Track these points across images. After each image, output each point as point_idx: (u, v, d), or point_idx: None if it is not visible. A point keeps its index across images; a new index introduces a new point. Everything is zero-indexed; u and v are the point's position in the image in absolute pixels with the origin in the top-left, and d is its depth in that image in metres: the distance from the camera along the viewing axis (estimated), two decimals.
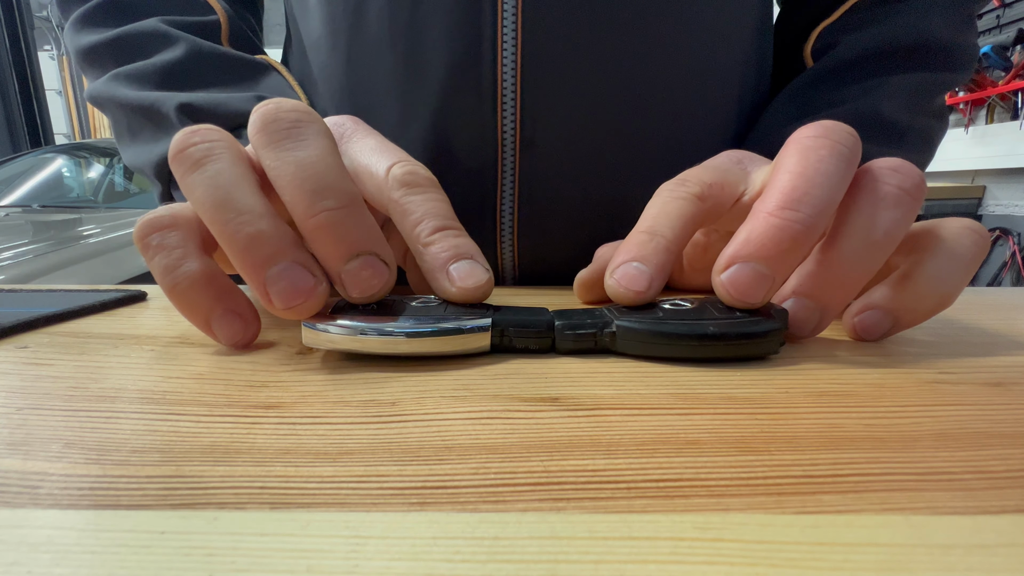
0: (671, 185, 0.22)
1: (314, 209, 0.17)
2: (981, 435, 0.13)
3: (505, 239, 0.33)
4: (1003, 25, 2.34)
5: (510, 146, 0.31)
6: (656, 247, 0.19)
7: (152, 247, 0.18)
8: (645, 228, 0.20)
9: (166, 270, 0.18)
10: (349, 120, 0.24)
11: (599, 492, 0.11)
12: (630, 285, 0.19)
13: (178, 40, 0.32)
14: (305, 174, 0.17)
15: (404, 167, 0.21)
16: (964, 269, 0.18)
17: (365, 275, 0.18)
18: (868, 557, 0.09)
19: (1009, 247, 2.42)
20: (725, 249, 0.18)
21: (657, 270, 0.19)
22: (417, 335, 0.17)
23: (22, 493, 0.10)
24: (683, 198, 0.21)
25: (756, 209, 0.18)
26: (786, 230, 0.17)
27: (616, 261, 0.20)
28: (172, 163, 0.18)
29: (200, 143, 0.18)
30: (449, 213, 0.21)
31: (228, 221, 0.17)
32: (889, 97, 0.32)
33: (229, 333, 0.19)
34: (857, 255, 0.18)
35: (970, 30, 0.34)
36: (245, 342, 0.20)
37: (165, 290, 0.18)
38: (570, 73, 0.30)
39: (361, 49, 0.31)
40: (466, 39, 0.29)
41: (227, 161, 0.18)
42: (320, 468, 0.11)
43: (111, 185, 2.07)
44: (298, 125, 0.18)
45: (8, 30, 3.19)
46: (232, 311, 0.19)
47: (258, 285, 0.17)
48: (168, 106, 0.30)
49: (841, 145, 0.18)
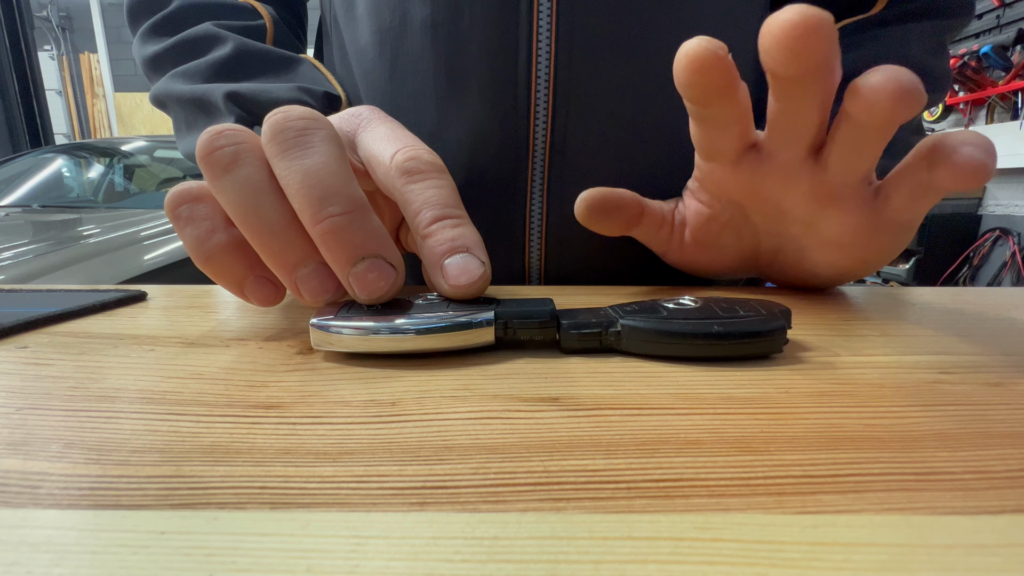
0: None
1: (319, 216, 0.18)
2: (981, 435, 0.13)
3: (533, 243, 0.35)
4: (1003, 25, 2.34)
5: (540, 153, 0.32)
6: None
7: (183, 218, 0.20)
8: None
9: (198, 241, 0.19)
10: (367, 110, 0.25)
11: (599, 492, 0.11)
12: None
13: (227, 39, 0.35)
14: (311, 182, 0.18)
15: (406, 153, 0.21)
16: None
17: (371, 277, 0.18)
18: (868, 557, 0.09)
19: (1009, 247, 2.42)
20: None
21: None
22: (420, 332, 0.17)
23: (22, 493, 0.10)
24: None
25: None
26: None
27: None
28: (201, 164, 0.19)
29: (226, 146, 0.19)
30: (449, 200, 0.21)
31: (259, 230, 0.18)
32: None
33: (261, 295, 0.21)
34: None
35: (944, 56, 0.37)
36: (275, 303, 0.21)
37: (197, 260, 0.20)
38: (600, 85, 0.31)
39: (405, 57, 0.33)
40: (503, 52, 0.31)
41: (253, 166, 0.19)
42: (320, 468, 0.11)
43: (111, 185, 2.07)
44: (305, 133, 0.19)
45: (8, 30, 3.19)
46: (263, 276, 0.20)
47: (289, 283, 0.19)
48: (216, 95, 0.32)
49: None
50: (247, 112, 0.32)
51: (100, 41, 4.90)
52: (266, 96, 0.32)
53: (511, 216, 0.34)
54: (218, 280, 0.20)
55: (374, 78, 0.35)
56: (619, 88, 0.32)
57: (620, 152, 0.33)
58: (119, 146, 2.22)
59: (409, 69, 0.33)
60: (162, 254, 1.41)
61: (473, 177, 0.25)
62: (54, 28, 5.01)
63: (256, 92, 0.32)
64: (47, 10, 4.89)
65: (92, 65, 5.14)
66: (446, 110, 0.32)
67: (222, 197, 0.19)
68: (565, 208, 0.34)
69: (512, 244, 0.34)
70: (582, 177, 0.33)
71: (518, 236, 0.34)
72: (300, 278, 0.19)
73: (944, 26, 0.36)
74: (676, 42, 0.32)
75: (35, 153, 2.23)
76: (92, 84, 5.20)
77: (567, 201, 0.33)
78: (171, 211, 0.20)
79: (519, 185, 0.33)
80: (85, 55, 5.14)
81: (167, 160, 2.13)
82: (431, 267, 0.20)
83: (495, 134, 0.32)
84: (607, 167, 0.33)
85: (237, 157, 0.19)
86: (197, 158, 0.19)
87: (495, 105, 0.32)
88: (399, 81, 0.34)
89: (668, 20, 0.31)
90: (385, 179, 0.22)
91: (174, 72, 0.36)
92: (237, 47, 0.35)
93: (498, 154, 0.33)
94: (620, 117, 0.32)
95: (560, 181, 0.33)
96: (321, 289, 0.19)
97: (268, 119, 0.19)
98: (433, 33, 0.32)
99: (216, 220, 0.20)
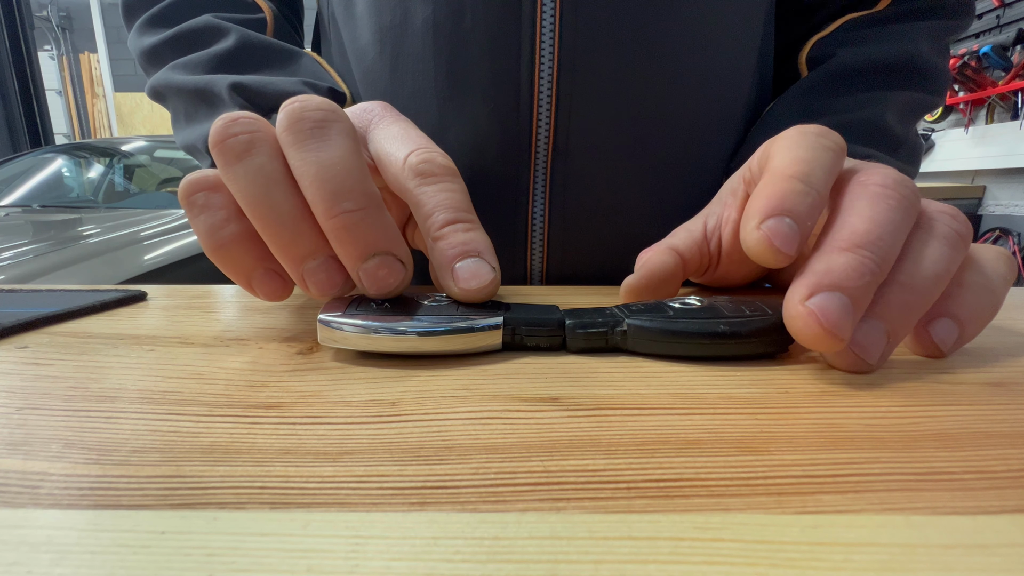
0: (814, 131, 0.19)
1: (333, 211, 0.18)
2: (981, 435, 0.13)
3: (535, 243, 0.35)
4: (1003, 25, 2.34)
5: (543, 154, 0.32)
6: (812, 204, 0.17)
7: (197, 206, 0.19)
8: (799, 174, 0.17)
9: (211, 229, 0.19)
10: (379, 106, 0.25)
11: (599, 492, 0.11)
12: (782, 245, 0.16)
13: (230, 31, 0.35)
14: (326, 175, 0.18)
15: (420, 155, 0.21)
16: (1003, 285, 0.18)
17: (381, 274, 0.19)
18: (868, 557, 0.09)
19: (1009, 247, 2.41)
20: (803, 279, 0.16)
21: (806, 233, 0.17)
22: (429, 334, 0.17)
23: (22, 493, 0.10)
24: (833, 150, 0.18)
25: (827, 245, 0.17)
26: (865, 267, 0.16)
27: (764, 208, 0.17)
28: (214, 151, 0.19)
29: (240, 134, 0.18)
30: (462, 204, 0.21)
31: (269, 220, 0.18)
32: (891, 110, 0.34)
33: (269, 289, 0.20)
34: (925, 284, 0.17)
35: (947, 58, 0.37)
36: (283, 298, 0.21)
37: (208, 249, 0.19)
38: (603, 86, 0.31)
39: (406, 57, 0.33)
40: (506, 53, 0.31)
41: (266, 155, 0.19)
42: (320, 468, 0.11)
43: (111, 185, 2.07)
44: (322, 125, 0.19)
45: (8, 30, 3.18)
46: (272, 270, 0.20)
47: (296, 275, 0.19)
48: (221, 86, 0.32)
49: (906, 200, 0.17)
50: (252, 104, 0.32)
51: (100, 41, 4.90)
52: (272, 88, 0.32)
53: (513, 217, 0.34)
54: (227, 270, 0.20)
55: (374, 78, 0.35)
56: (622, 89, 0.32)
57: (622, 154, 0.33)
58: (119, 146, 2.22)
59: (410, 69, 0.33)
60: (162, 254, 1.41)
61: (475, 178, 0.26)
62: (54, 28, 5.01)
63: (262, 84, 0.32)
64: (47, 10, 4.89)
65: (92, 65, 5.14)
66: (447, 110, 0.32)
67: (233, 185, 0.19)
68: (567, 209, 0.34)
69: (514, 245, 0.34)
70: (584, 178, 0.33)
71: (520, 237, 0.34)
72: (308, 271, 0.19)
73: (949, 27, 0.36)
74: (679, 43, 0.33)
75: (35, 153, 2.23)
76: (92, 84, 5.20)
77: (569, 202, 0.33)
78: (186, 198, 0.20)
79: (521, 186, 0.33)
80: (85, 55, 5.14)
81: (167, 160, 2.13)
82: (441, 269, 0.20)
83: (497, 135, 0.32)
84: (609, 169, 0.33)
85: (251, 145, 0.18)
86: (210, 144, 0.19)
87: (497, 106, 0.32)
88: (400, 81, 0.34)
89: (671, 21, 0.31)
90: (397, 179, 0.22)
91: (174, 64, 0.35)
92: (240, 39, 0.34)
93: (500, 155, 0.32)
94: (623, 119, 0.32)
95: (562, 182, 0.33)
96: (328, 283, 0.19)
97: (285, 107, 0.19)
98: (434, 33, 0.31)
99: (231, 210, 0.19)
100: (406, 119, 0.24)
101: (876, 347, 0.17)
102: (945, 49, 0.37)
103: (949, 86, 0.38)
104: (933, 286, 0.17)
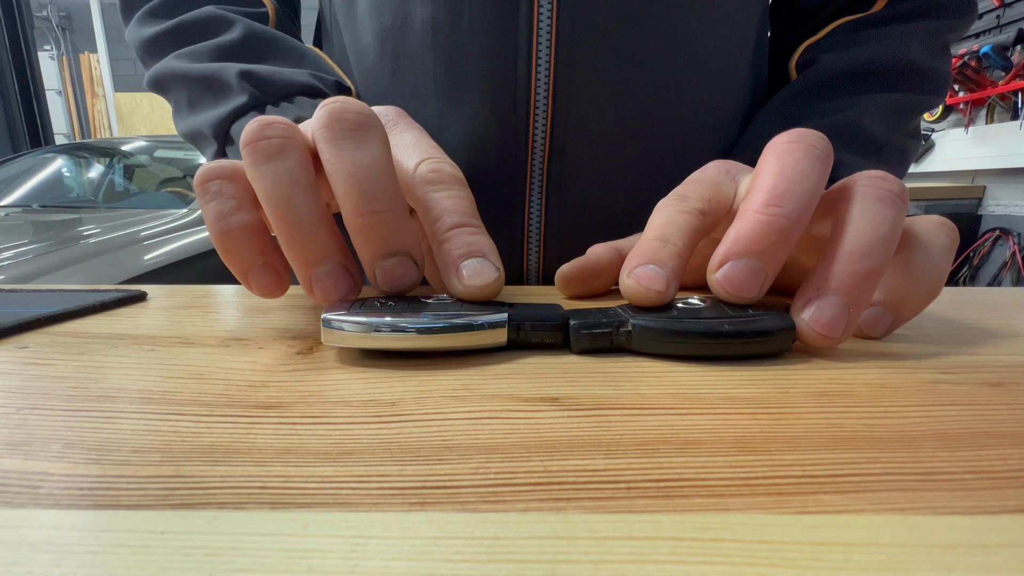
0: (672, 200, 0.22)
1: (363, 209, 0.18)
2: (981, 435, 0.13)
3: (532, 243, 0.35)
4: (1003, 25, 2.34)
5: (540, 154, 0.33)
6: (670, 252, 0.20)
7: (211, 192, 0.20)
8: (656, 236, 0.20)
9: (219, 216, 0.20)
10: (393, 112, 0.25)
11: (599, 492, 0.11)
12: (650, 284, 0.19)
13: (235, 23, 0.35)
14: (361, 175, 0.18)
15: (431, 164, 0.22)
16: (944, 257, 0.19)
17: (398, 272, 0.19)
18: (868, 557, 0.09)
19: (1009, 247, 2.41)
20: (718, 248, 0.19)
21: (673, 273, 0.19)
22: (433, 331, 0.18)
23: (22, 493, 0.10)
24: (688, 212, 0.21)
25: (743, 209, 0.19)
26: (773, 224, 0.18)
27: (631, 263, 0.20)
28: (244, 149, 0.19)
29: (274, 137, 0.19)
30: (469, 210, 0.21)
31: (289, 221, 0.19)
32: (870, 113, 0.34)
33: (264, 284, 0.21)
34: (871, 249, 0.18)
35: (945, 58, 0.37)
36: (276, 295, 0.21)
37: (214, 235, 0.20)
38: (600, 87, 0.32)
39: (406, 58, 0.33)
40: (503, 53, 0.31)
41: (296, 160, 0.19)
42: (320, 468, 0.11)
43: (111, 185, 2.07)
44: (361, 128, 0.19)
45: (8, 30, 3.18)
46: (270, 265, 0.21)
47: (304, 277, 0.19)
48: (230, 73, 0.32)
49: (814, 147, 0.19)
50: (261, 92, 0.32)
51: (100, 41, 4.90)
52: (281, 78, 0.32)
53: (510, 217, 0.34)
54: (227, 259, 0.20)
55: (375, 79, 0.35)
56: (618, 90, 0.32)
57: (619, 154, 0.33)
58: (119, 146, 2.22)
59: (410, 70, 0.33)
60: (162, 254, 1.41)
61: (472, 177, 0.26)
62: (54, 28, 5.01)
63: (271, 73, 0.32)
64: (47, 10, 4.89)
65: (92, 65, 5.14)
66: (446, 111, 0.33)
67: (259, 183, 0.19)
68: (564, 209, 0.34)
69: (511, 244, 0.35)
70: (581, 178, 0.33)
71: (517, 237, 0.34)
72: (316, 275, 0.19)
73: (946, 26, 0.36)
74: (676, 45, 0.33)
75: (35, 153, 2.23)
76: (92, 84, 5.20)
77: (566, 202, 0.34)
78: (201, 183, 0.20)
79: (518, 186, 0.33)
80: (85, 55, 5.14)
81: (167, 160, 2.13)
82: (446, 269, 0.20)
83: (495, 135, 0.32)
84: (606, 169, 0.33)
85: (283, 149, 0.19)
86: (242, 143, 0.19)
87: (495, 106, 0.32)
88: (400, 82, 0.34)
89: (668, 23, 0.32)
90: (407, 185, 0.22)
91: (178, 53, 0.35)
92: (246, 30, 0.34)
93: (497, 155, 0.33)
94: (619, 119, 0.32)
95: (559, 182, 0.33)
96: (334, 289, 0.19)
97: (325, 105, 0.19)
98: (433, 34, 0.32)
99: (243, 200, 0.20)
100: (419, 127, 0.25)
101: (838, 321, 0.18)
102: (942, 48, 0.37)
103: (949, 85, 0.38)
104: (882, 249, 0.18)
